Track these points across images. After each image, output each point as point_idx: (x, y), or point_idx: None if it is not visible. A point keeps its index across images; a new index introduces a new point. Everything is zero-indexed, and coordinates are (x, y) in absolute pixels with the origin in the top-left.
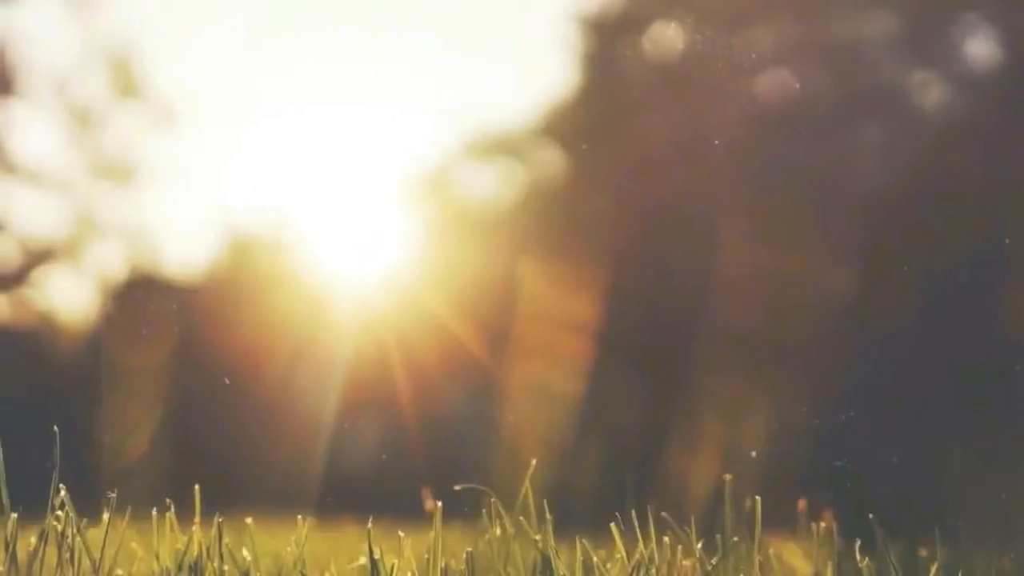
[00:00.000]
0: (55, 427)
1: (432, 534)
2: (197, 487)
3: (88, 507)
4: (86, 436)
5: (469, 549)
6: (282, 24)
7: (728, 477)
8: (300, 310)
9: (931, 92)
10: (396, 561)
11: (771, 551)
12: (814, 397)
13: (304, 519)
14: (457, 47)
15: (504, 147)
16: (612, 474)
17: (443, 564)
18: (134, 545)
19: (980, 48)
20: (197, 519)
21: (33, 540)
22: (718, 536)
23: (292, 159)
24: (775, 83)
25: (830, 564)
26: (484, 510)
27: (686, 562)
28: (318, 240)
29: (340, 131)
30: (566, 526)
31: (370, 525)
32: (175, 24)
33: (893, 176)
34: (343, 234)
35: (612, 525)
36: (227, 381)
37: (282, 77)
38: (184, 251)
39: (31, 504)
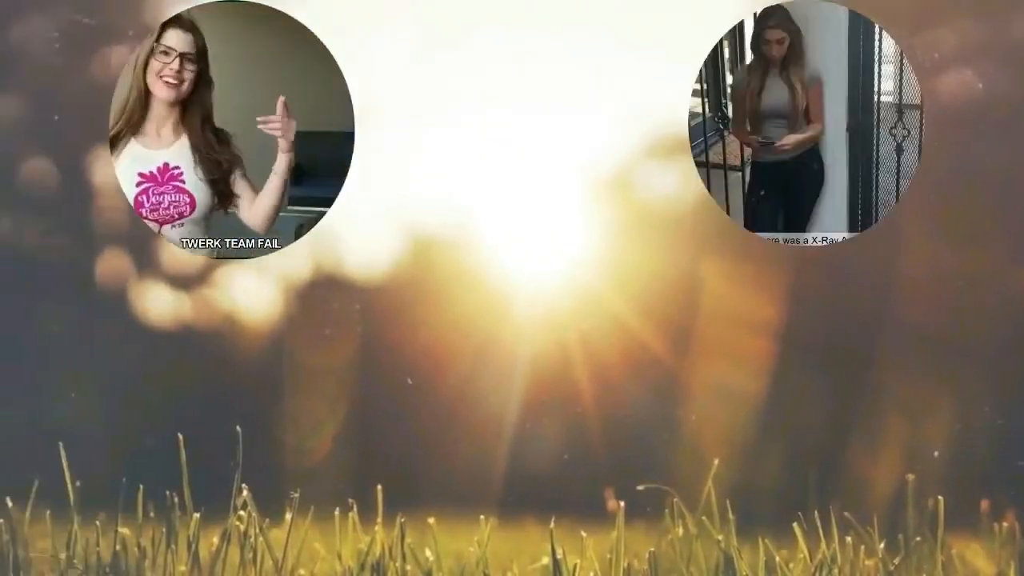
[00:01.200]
0: (238, 427)
1: (615, 534)
2: (379, 487)
3: (271, 507)
4: (269, 436)
5: (652, 549)
6: (462, 24)
7: (911, 477)
8: (482, 310)
9: None
10: (578, 561)
11: (953, 551)
12: (997, 397)
13: (486, 519)
14: (637, 46)
15: (685, 146)
16: (794, 474)
17: (626, 564)
18: (316, 545)
19: None
20: (379, 519)
21: (216, 540)
22: (900, 536)
23: (474, 158)
24: (958, 83)
25: (1013, 564)
26: (667, 510)
27: (868, 562)
28: (500, 239)
29: (521, 130)
30: (748, 526)
31: (552, 525)
32: (352, 24)
33: None
34: (525, 233)
35: (795, 525)
36: (409, 381)
37: (463, 77)
38: (367, 250)
39: (214, 504)
